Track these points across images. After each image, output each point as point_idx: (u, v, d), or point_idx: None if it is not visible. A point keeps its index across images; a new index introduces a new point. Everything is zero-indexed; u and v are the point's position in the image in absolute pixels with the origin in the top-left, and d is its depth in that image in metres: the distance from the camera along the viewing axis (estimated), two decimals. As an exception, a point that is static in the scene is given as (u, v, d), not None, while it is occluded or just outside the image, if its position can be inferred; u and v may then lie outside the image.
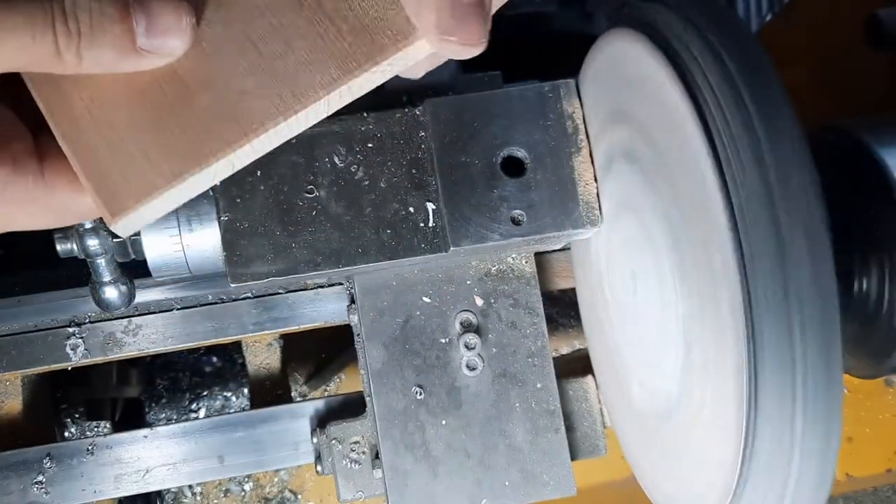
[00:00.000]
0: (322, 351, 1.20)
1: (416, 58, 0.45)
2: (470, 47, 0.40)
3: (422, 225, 0.63)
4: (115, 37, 0.40)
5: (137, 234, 0.61)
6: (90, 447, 0.76)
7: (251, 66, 0.44)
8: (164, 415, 1.28)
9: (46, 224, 0.44)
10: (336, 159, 0.63)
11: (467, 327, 0.69)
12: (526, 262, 0.70)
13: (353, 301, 0.70)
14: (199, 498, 1.18)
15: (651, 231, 0.60)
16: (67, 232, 0.60)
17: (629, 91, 0.59)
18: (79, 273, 0.70)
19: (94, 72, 0.41)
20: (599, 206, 0.65)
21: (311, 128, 0.45)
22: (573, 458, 0.71)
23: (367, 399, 0.69)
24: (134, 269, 0.63)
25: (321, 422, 0.75)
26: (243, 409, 0.94)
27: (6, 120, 0.42)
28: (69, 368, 0.76)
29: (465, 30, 0.39)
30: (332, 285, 0.77)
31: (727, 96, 0.50)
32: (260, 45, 0.44)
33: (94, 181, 0.43)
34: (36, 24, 0.38)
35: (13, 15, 0.38)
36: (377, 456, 0.69)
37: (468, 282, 0.69)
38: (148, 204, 0.44)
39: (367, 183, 0.63)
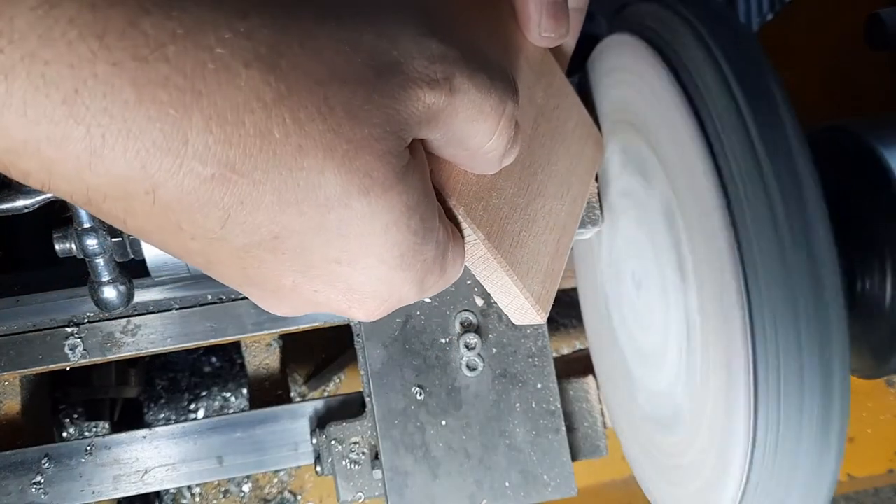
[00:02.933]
0: (322, 351, 1.20)
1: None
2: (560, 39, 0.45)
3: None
4: (511, 136, 0.38)
5: (136, 233, 0.60)
6: (89, 447, 0.75)
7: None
8: (162, 415, 1.28)
9: (434, 293, 0.39)
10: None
11: (467, 327, 0.69)
12: (526, 262, 0.70)
13: (352, 301, 0.70)
14: (198, 499, 1.18)
15: (652, 231, 0.59)
16: (66, 231, 0.60)
17: (630, 94, 0.59)
18: (77, 273, 0.70)
19: (477, 164, 0.38)
20: (600, 206, 0.65)
21: None
22: (574, 458, 0.70)
23: (367, 399, 0.69)
24: (133, 268, 0.62)
25: (321, 422, 0.75)
26: (242, 410, 0.94)
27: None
28: (68, 368, 0.76)
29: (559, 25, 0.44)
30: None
31: (726, 98, 0.50)
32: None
33: (522, 278, 0.43)
34: (495, 96, 0.35)
35: (487, 75, 0.34)
36: (377, 456, 0.68)
37: (468, 282, 0.69)
38: (556, 286, 0.47)
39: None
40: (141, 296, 0.75)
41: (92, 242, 0.59)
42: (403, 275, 0.35)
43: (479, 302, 0.69)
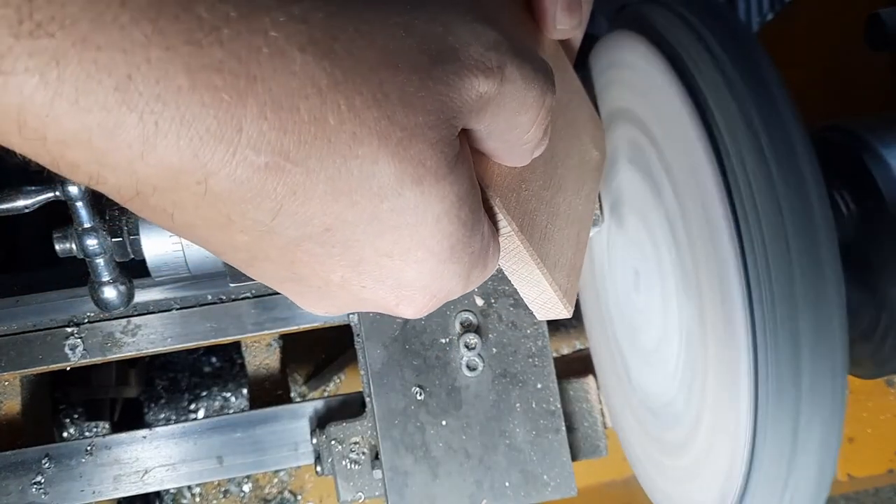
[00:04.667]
0: (322, 351, 1.20)
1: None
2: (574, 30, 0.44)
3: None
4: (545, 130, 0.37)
5: (137, 233, 0.60)
6: (89, 447, 0.75)
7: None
8: (163, 415, 1.28)
9: (474, 286, 0.39)
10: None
11: (467, 327, 0.69)
12: (526, 262, 0.70)
13: (352, 301, 0.70)
14: (198, 499, 1.17)
15: (653, 231, 0.59)
16: (66, 231, 0.60)
17: (631, 93, 0.59)
18: (78, 273, 0.70)
19: (513, 154, 0.38)
20: (601, 205, 0.65)
21: None
22: (574, 458, 0.70)
23: (367, 399, 0.69)
24: (133, 268, 0.62)
25: (321, 422, 0.75)
26: (242, 410, 0.94)
27: None
28: (68, 369, 0.76)
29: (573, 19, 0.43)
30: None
31: (727, 97, 0.50)
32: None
33: (550, 271, 0.43)
34: (537, 87, 0.34)
35: (531, 65, 0.34)
36: (377, 456, 0.68)
37: (468, 282, 0.69)
38: (579, 280, 0.47)
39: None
40: (141, 296, 0.75)
41: (92, 242, 0.59)
42: (453, 268, 0.34)
43: (480, 302, 0.69)
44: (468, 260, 0.35)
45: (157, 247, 0.61)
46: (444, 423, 0.68)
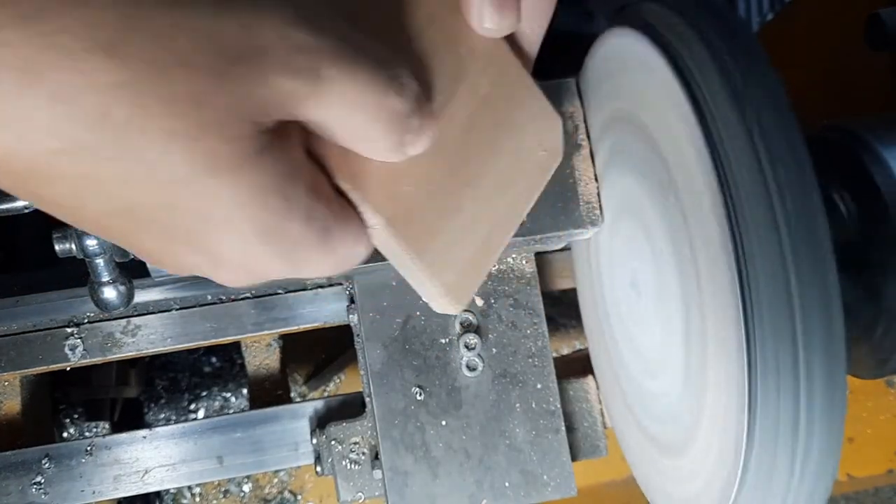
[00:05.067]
0: (322, 351, 1.20)
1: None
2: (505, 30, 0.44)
3: (422, 225, 0.63)
4: (405, 127, 0.38)
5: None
6: (89, 448, 0.76)
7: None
8: (163, 415, 1.28)
9: (329, 273, 0.40)
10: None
11: (467, 327, 0.69)
12: (526, 263, 0.70)
13: (352, 301, 0.70)
14: (198, 499, 1.18)
15: (652, 232, 0.59)
16: (66, 231, 0.60)
17: (629, 92, 0.59)
18: (78, 273, 0.70)
19: (364, 151, 0.39)
20: (600, 205, 0.65)
21: None
22: (573, 458, 0.70)
23: (367, 399, 0.69)
24: (133, 268, 0.62)
25: (321, 422, 0.75)
26: (242, 410, 0.94)
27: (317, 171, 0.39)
28: (68, 369, 0.76)
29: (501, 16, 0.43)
30: (332, 285, 0.77)
31: (727, 97, 0.49)
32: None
33: (429, 267, 0.43)
34: (375, 89, 0.35)
35: (363, 68, 0.35)
36: (377, 456, 0.68)
37: (468, 282, 0.69)
38: (479, 282, 0.47)
39: (366, 183, 0.63)
40: (141, 296, 0.75)
41: (92, 242, 0.59)
42: (264, 248, 0.36)
43: (479, 302, 0.69)
44: (283, 240, 0.36)
45: (156, 247, 0.61)
46: (444, 423, 0.68)
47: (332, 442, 0.70)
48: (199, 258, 0.37)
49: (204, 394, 1.29)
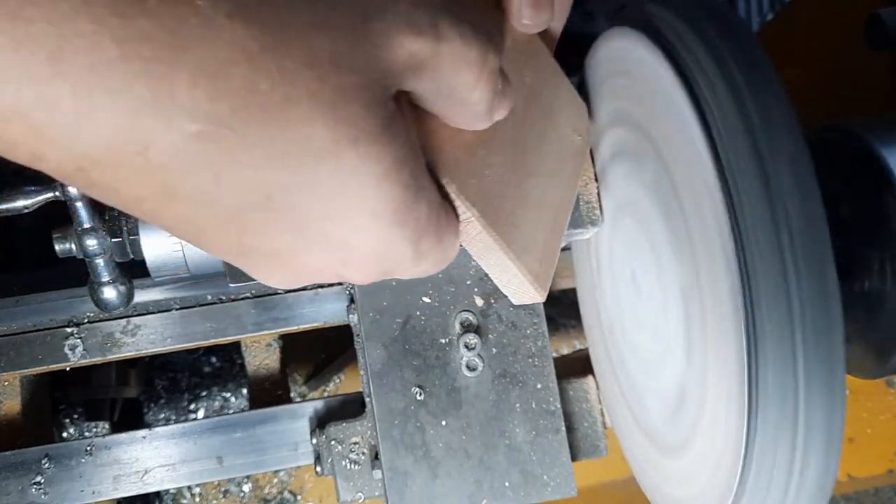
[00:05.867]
0: (322, 351, 1.20)
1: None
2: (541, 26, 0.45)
3: (422, 225, 0.63)
4: (495, 86, 0.38)
5: (136, 233, 0.60)
6: (89, 448, 0.76)
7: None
8: (162, 415, 1.28)
9: (436, 270, 0.39)
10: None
11: (467, 327, 0.69)
12: (526, 262, 0.70)
13: (352, 301, 0.70)
14: (197, 499, 1.17)
15: (652, 232, 0.59)
16: (66, 231, 0.60)
17: (630, 92, 0.59)
18: (78, 273, 0.70)
19: (466, 119, 0.38)
20: (600, 205, 0.65)
21: None
22: (573, 458, 0.70)
23: (367, 399, 0.69)
24: (133, 269, 0.62)
25: (321, 422, 0.75)
26: (242, 410, 0.94)
27: None
28: (68, 369, 0.76)
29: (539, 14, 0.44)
30: (332, 285, 0.77)
31: (727, 97, 0.50)
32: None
33: (518, 256, 0.43)
34: (477, 46, 0.35)
35: (468, 26, 0.34)
36: (377, 456, 0.68)
37: (468, 282, 0.69)
38: (553, 267, 0.47)
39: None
40: (141, 296, 0.75)
41: (92, 242, 0.59)
42: (399, 231, 0.35)
43: (479, 302, 0.69)
44: (415, 225, 0.35)
45: (156, 247, 0.61)
46: (444, 423, 0.68)
47: (332, 442, 0.70)
48: (329, 256, 0.35)
49: (204, 394, 1.29)
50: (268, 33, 0.29)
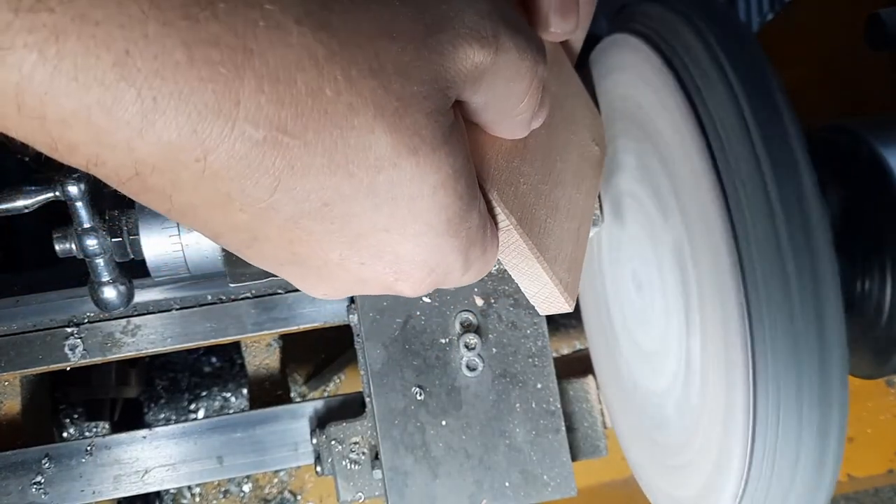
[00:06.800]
0: (322, 351, 1.20)
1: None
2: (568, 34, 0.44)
3: (422, 225, 0.63)
4: (538, 100, 0.38)
5: (136, 233, 0.60)
6: (89, 448, 0.75)
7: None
8: (163, 415, 1.28)
9: (476, 278, 0.39)
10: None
11: (467, 327, 0.69)
12: (526, 262, 0.70)
13: (352, 301, 0.70)
14: (198, 499, 1.17)
15: (653, 232, 0.59)
16: (66, 231, 0.60)
17: (629, 94, 0.59)
18: (78, 273, 0.70)
19: (511, 128, 0.39)
20: (601, 205, 0.65)
21: None
22: (574, 458, 0.70)
23: (367, 399, 0.69)
24: (133, 269, 0.62)
25: (321, 422, 0.75)
26: (242, 410, 0.94)
27: None
28: (68, 369, 0.76)
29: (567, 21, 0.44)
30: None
31: (726, 98, 0.50)
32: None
33: (551, 265, 0.43)
34: (529, 57, 0.35)
35: (524, 36, 0.34)
36: (377, 456, 0.68)
37: (468, 282, 0.69)
38: (580, 275, 0.47)
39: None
40: (141, 296, 0.75)
41: (92, 242, 0.59)
42: (451, 242, 0.34)
43: (479, 302, 0.69)
44: (466, 235, 0.35)
45: (156, 247, 0.61)
46: (444, 423, 0.68)
47: (332, 442, 0.70)
48: (382, 267, 0.35)
49: (204, 394, 1.29)
50: (335, 39, 0.29)
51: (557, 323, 1.23)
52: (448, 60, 0.31)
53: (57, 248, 0.60)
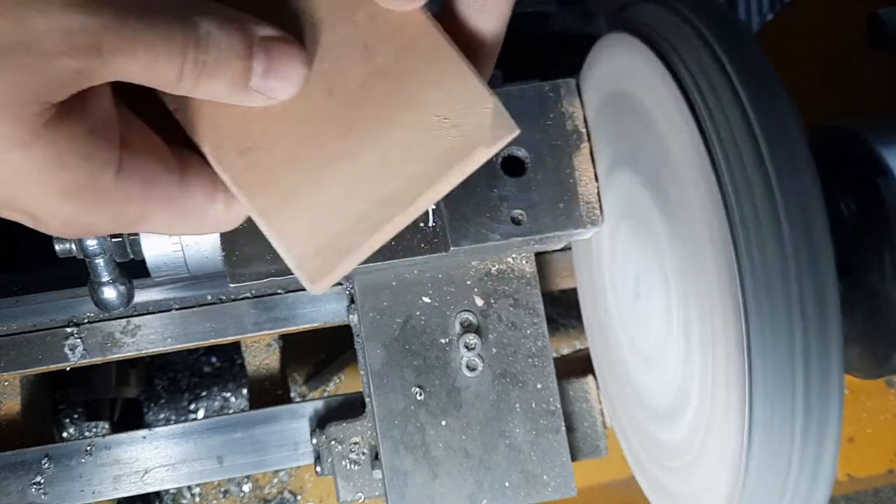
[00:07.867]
0: (322, 351, 1.20)
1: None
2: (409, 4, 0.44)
3: (421, 225, 0.63)
4: (234, 73, 0.40)
5: (136, 233, 0.60)
6: (89, 448, 0.76)
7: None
8: (162, 415, 1.28)
9: (182, 230, 0.44)
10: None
11: (467, 327, 0.69)
12: (526, 263, 0.70)
13: (352, 301, 0.70)
14: (197, 499, 1.17)
15: (653, 234, 0.59)
16: (66, 232, 0.60)
17: (629, 95, 0.59)
18: (77, 273, 0.70)
19: (200, 98, 0.41)
20: (600, 205, 0.65)
21: None
22: (573, 458, 0.70)
23: (367, 399, 0.69)
24: (133, 269, 0.62)
25: (321, 422, 0.75)
26: (242, 410, 0.94)
27: (141, 126, 0.42)
28: (68, 369, 0.76)
29: None
30: (333, 285, 0.77)
31: (726, 99, 0.50)
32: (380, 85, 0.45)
33: (280, 237, 0.43)
34: (172, 47, 0.38)
35: (151, 33, 0.37)
36: (377, 456, 0.68)
37: (468, 282, 0.69)
38: (347, 263, 0.44)
39: (366, 182, 0.63)
40: (141, 296, 0.75)
41: (92, 243, 0.59)
42: (76, 206, 0.39)
43: (479, 302, 0.69)
44: (100, 201, 0.39)
45: (156, 247, 0.61)
46: (443, 423, 0.68)
47: (332, 442, 0.70)
48: (22, 218, 0.40)
49: (204, 394, 1.29)
50: None
51: (557, 323, 1.23)
52: (25, 77, 0.35)
53: (57, 248, 0.60)
